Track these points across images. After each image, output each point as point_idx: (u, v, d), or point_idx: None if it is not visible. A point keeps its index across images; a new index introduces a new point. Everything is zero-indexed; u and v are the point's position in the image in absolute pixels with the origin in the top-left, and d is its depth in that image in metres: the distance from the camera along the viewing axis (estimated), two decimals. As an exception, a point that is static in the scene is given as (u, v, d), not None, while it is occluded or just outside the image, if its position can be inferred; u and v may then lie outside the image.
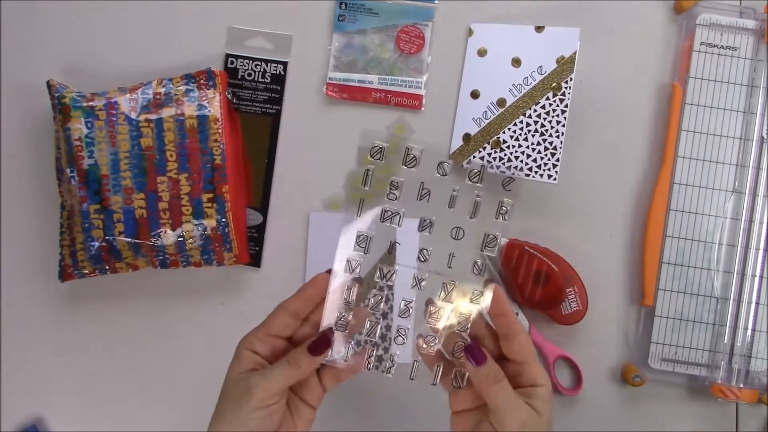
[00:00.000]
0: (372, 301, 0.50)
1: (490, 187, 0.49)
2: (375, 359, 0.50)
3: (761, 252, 0.68)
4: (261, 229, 0.71)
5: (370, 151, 0.50)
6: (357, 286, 0.50)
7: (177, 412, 0.71)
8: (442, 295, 0.49)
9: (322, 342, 0.50)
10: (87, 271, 0.66)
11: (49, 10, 0.71)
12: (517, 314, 0.69)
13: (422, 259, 0.49)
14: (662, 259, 0.68)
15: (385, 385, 0.69)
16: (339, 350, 0.50)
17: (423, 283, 0.50)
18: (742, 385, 0.67)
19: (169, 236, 0.64)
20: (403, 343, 0.50)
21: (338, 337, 0.50)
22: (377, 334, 0.51)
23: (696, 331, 0.68)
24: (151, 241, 0.64)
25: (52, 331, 0.71)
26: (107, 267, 0.66)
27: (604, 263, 0.70)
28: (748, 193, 0.68)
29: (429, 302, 0.50)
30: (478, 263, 0.49)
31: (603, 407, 0.70)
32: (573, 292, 0.67)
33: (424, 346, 0.50)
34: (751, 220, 0.68)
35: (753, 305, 0.68)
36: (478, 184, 0.49)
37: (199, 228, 0.65)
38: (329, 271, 0.51)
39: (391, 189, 0.49)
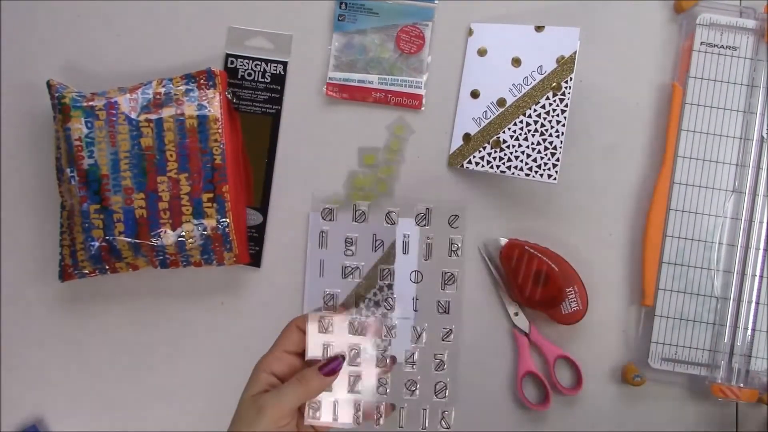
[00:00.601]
0: (349, 356, 0.52)
1: (437, 228, 0.51)
2: (360, 414, 0.52)
3: (761, 252, 0.68)
4: (261, 229, 0.71)
5: (321, 212, 0.53)
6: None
7: (177, 411, 0.71)
8: (414, 338, 0.52)
9: (333, 362, 0.51)
10: (87, 271, 0.66)
11: (49, 10, 0.71)
12: (516, 314, 0.69)
13: (387, 308, 0.52)
14: (662, 259, 0.68)
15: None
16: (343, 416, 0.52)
17: (394, 330, 0.52)
18: (742, 385, 0.67)
19: (169, 236, 0.64)
20: (385, 393, 0.52)
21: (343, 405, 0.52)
22: (359, 388, 0.52)
23: (696, 330, 0.68)
24: (151, 241, 0.64)
25: (52, 331, 0.71)
26: (107, 267, 0.66)
27: (604, 263, 0.70)
28: (748, 192, 0.68)
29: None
30: (442, 302, 0.51)
31: (603, 407, 0.70)
32: (573, 292, 0.67)
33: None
34: (751, 220, 0.68)
35: (753, 305, 0.68)
36: (426, 227, 0.51)
37: (199, 228, 0.65)
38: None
39: (346, 245, 0.52)
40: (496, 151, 0.68)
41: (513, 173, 0.67)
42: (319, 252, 0.53)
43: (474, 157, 0.68)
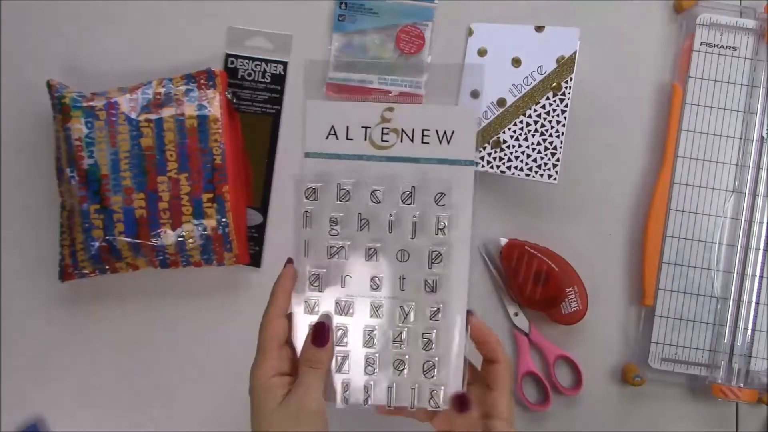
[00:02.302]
0: (336, 335, 0.51)
1: (423, 206, 0.50)
2: (348, 393, 0.51)
3: (761, 252, 0.68)
4: (261, 229, 0.71)
5: (304, 192, 0.51)
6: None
7: (177, 411, 0.71)
8: (401, 317, 0.50)
9: (319, 330, 0.50)
10: (87, 271, 0.66)
11: (49, 10, 0.71)
12: (516, 314, 0.69)
13: (374, 287, 0.51)
14: (662, 259, 0.68)
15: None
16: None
17: (381, 310, 0.51)
18: (742, 385, 0.67)
19: (169, 236, 0.64)
20: (373, 372, 0.51)
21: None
22: (346, 368, 0.51)
23: (696, 330, 0.68)
24: (151, 241, 0.64)
25: (52, 331, 0.71)
26: (107, 267, 0.66)
27: (604, 263, 0.70)
28: (748, 193, 0.68)
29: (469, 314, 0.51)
30: (429, 281, 0.50)
31: (603, 407, 0.70)
32: (573, 292, 0.67)
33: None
34: (751, 220, 0.68)
35: (753, 305, 0.68)
36: (411, 205, 0.50)
37: (199, 228, 0.65)
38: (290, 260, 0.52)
39: (331, 225, 0.51)
40: (496, 151, 0.68)
41: (513, 173, 0.67)
42: (304, 232, 0.51)
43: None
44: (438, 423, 0.52)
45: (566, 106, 0.67)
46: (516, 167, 0.67)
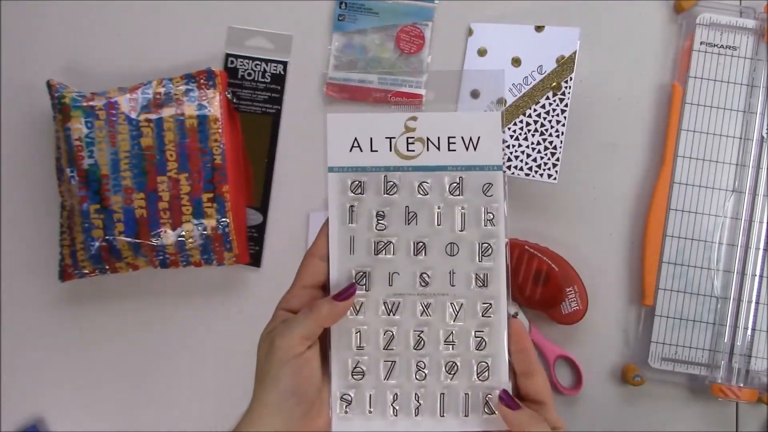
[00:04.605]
0: (384, 340, 0.49)
1: (471, 197, 0.48)
2: (397, 403, 0.48)
3: (761, 251, 0.68)
4: (261, 229, 0.71)
5: (350, 185, 0.49)
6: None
7: (177, 411, 0.71)
8: (453, 315, 0.48)
9: (346, 288, 0.47)
10: (87, 271, 0.66)
11: (49, 10, 0.71)
12: (516, 314, 0.69)
13: (423, 284, 0.48)
14: (662, 259, 0.68)
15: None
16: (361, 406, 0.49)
17: (430, 308, 0.48)
18: (742, 385, 0.67)
19: (169, 236, 0.64)
20: (424, 378, 0.48)
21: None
22: (396, 374, 0.48)
23: (696, 330, 0.68)
24: (151, 241, 0.64)
25: (52, 331, 0.71)
26: (107, 267, 0.66)
27: (604, 263, 0.70)
28: (748, 192, 0.68)
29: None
30: (480, 275, 0.48)
31: (603, 407, 0.70)
32: (573, 292, 0.67)
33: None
34: (751, 220, 0.68)
35: (753, 305, 0.68)
36: (459, 197, 0.49)
37: (199, 228, 0.65)
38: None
39: (377, 219, 0.49)
40: (496, 151, 0.68)
41: (513, 173, 0.67)
42: (348, 228, 0.48)
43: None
44: None
45: (566, 105, 0.67)
46: (516, 167, 0.67)
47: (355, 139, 0.49)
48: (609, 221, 0.71)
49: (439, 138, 0.49)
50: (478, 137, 0.49)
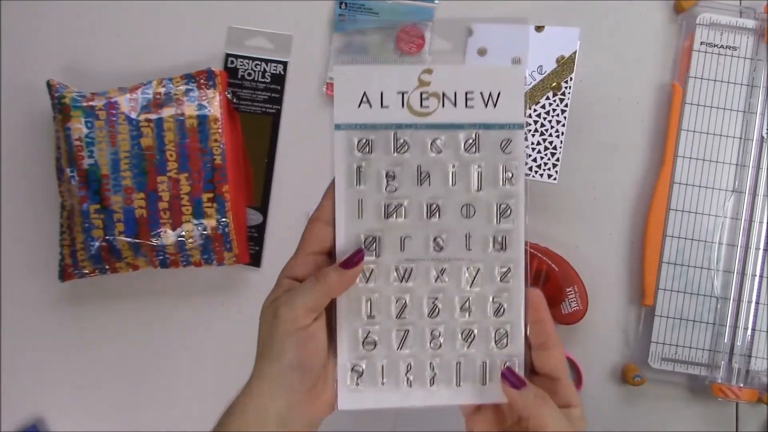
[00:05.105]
0: (396, 308, 0.45)
1: (488, 154, 0.45)
2: (411, 374, 0.46)
3: (761, 252, 0.68)
4: (261, 229, 0.71)
5: (357, 144, 0.45)
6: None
7: (177, 411, 0.71)
8: (469, 281, 0.45)
9: (354, 255, 0.44)
10: (87, 271, 0.66)
11: (49, 10, 0.71)
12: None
13: (437, 248, 0.45)
14: (662, 259, 0.68)
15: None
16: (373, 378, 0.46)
17: (445, 274, 0.45)
18: (742, 385, 0.67)
19: (169, 236, 0.64)
20: (439, 347, 0.45)
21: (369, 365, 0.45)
22: (409, 344, 0.45)
23: (696, 330, 0.68)
24: (151, 241, 0.64)
25: (52, 331, 0.71)
26: (107, 267, 0.66)
27: (604, 263, 0.70)
28: (748, 192, 0.68)
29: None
30: (498, 238, 0.45)
31: (603, 407, 0.70)
32: (573, 292, 0.67)
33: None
34: (751, 220, 0.68)
35: (753, 305, 0.68)
36: (476, 154, 0.45)
37: (199, 228, 0.65)
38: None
39: (387, 180, 0.45)
40: (496, 151, 0.68)
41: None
42: (356, 190, 0.45)
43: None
44: (474, 425, 0.46)
45: (566, 106, 0.67)
46: (516, 167, 0.67)
47: (364, 93, 0.45)
48: (609, 221, 0.71)
49: (455, 93, 0.45)
50: (498, 93, 0.45)
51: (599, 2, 0.71)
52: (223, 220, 0.65)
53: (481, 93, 0.45)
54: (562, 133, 0.67)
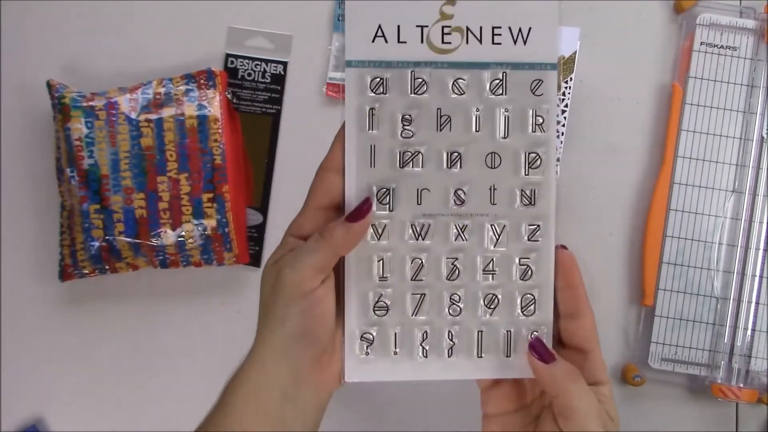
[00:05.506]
0: (411, 269, 0.41)
1: (517, 96, 0.40)
2: (427, 342, 0.41)
3: (761, 252, 0.68)
4: (261, 229, 0.71)
5: (370, 84, 0.40)
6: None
7: (177, 412, 0.71)
8: (494, 240, 0.41)
9: (361, 206, 0.39)
10: (87, 271, 0.66)
11: (49, 10, 0.71)
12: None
13: (458, 202, 0.41)
14: (662, 259, 0.68)
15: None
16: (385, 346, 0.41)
17: (466, 231, 0.41)
18: (742, 385, 0.67)
19: (169, 236, 0.64)
20: (458, 313, 0.41)
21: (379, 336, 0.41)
22: (425, 309, 0.41)
23: (696, 330, 0.68)
24: (151, 241, 0.64)
25: (52, 331, 0.71)
26: (107, 267, 0.66)
27: (604, 263, 0.70)
28: (748, 193, 0.68)
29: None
30: (526, 191, 0.41)
31: (603, 407, 0.70)
32: (573, 292, 0.67)
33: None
34: (751, 220, 0.68)
35: (753, 305, 0.68)
36: (502, 96, 0.41)
37: (199, 228, 0.65)
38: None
39: (403, 125, 0.40)
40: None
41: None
42: (368, 135, 0.40)
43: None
44: (490, 403, 0.42)
45: (566, 106, 0.67)
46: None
47: (379, 26, 0.40)
48: (609, 221, 0.71)
49: (481, 28, 0.40)
50: (529, 28, 0.40)
51: (599, 2, 0.71)
52: (223, 220, 0.65)
53: (510, 28, 0.40)
54: (562, 134, 0.67)
